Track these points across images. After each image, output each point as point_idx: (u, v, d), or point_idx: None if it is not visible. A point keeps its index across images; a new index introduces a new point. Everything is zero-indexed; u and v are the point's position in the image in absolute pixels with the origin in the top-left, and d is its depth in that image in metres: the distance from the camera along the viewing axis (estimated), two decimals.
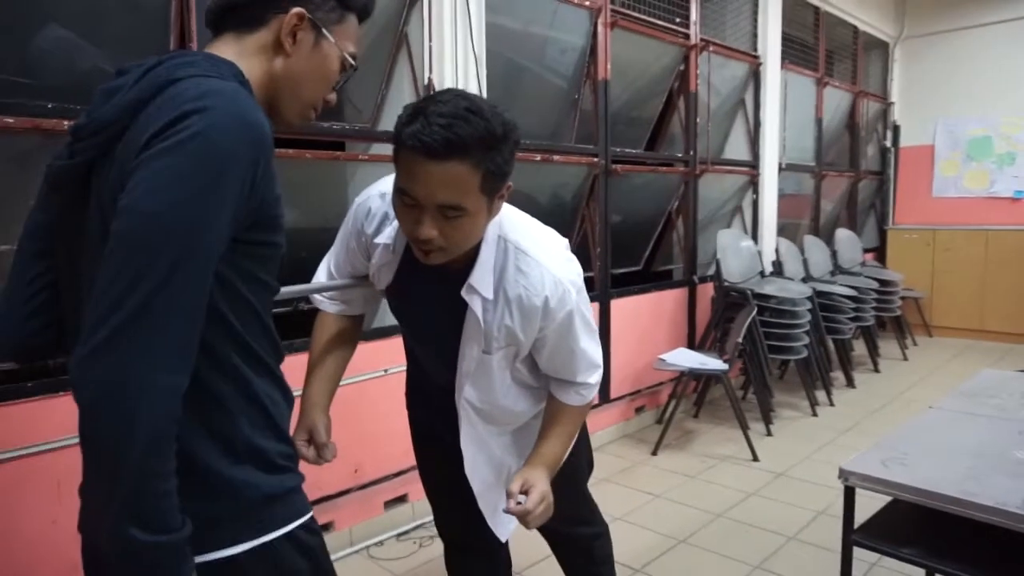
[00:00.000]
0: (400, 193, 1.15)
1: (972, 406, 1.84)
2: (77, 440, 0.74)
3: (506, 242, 1.30)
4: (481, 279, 1.28)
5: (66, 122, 1.84)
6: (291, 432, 0.97)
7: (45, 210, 0.93)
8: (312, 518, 0.93)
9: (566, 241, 1.44)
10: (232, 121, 0.77)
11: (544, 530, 1.80)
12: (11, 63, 1.93)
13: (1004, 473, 1.37)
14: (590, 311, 1.42)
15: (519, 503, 1.29)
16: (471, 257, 1.28)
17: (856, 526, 1.45)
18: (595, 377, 1.44)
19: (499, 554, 1.72)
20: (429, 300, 1.38)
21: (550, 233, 1.43)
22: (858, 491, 1.48)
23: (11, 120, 1.79)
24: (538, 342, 1.37)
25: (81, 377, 0.71)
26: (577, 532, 1.81)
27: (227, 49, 0.90)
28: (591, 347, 1.41)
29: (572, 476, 1.66)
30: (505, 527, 1.57)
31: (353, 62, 1.00)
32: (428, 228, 1.15)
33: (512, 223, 1.33)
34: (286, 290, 1.62)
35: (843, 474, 1.41)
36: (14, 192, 1.99)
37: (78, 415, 0.73)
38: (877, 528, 1.47)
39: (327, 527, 2.56)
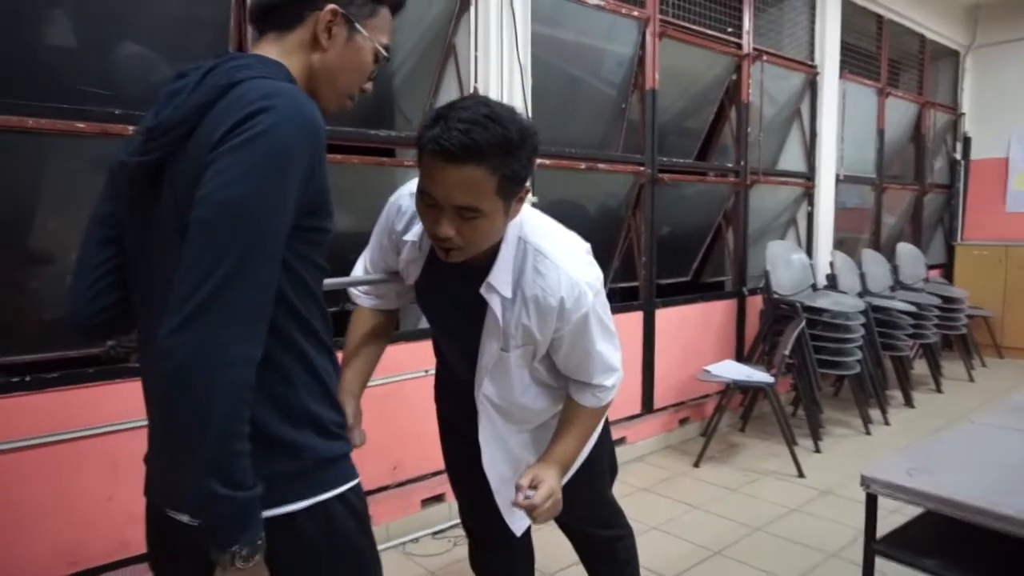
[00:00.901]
0: (421, 194, 1.21)
1: (1014, 421, 1.77)
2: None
3: (526, 243, 1.34)
4: (500, 278, 1.32)
5: (131, 127, 1.98)
6: None
7: (112, 200, 1.02)
8: (359, 483, 1.01)
9: (587, 245, 1.48)
10: (294, 118, 0.86)
11: (565, 529, 1.83)
12: (94, 76, 2.10)
13: None
14: (608, 315, 1.44)
15: (527, 497, 1.33)
16: (492, 256, 1.32)
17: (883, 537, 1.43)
18: (611, 380, 1.45)
19: (520, 548, 1.74)
20: (453, 296, 1.43)
21: (571, 237, 1.46)
22: (892, 506, 1.46)
23: (83, 125, 1.95)
24: (555, 342, 1.40)
25: (168, 348, 0.80)
26: (598, 533, 1.83)
27: (271, 48, 0.99)
28: (608, 350, 1.43)
29: (592, 479, 1.68)
30: (520, 522, 1.60)
31: (386, 53, 1.07)
32: (446, 227, 1.20)
33: (533, 226, 1.37)
34: (329, 281, 1.71)
35: (865, 481, 1.39)
36: (89, 193, 2.15)
37: (163, 383, 0.82)
38: (901, 539, 1.43)
39: None
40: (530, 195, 3.12)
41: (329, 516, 0.94)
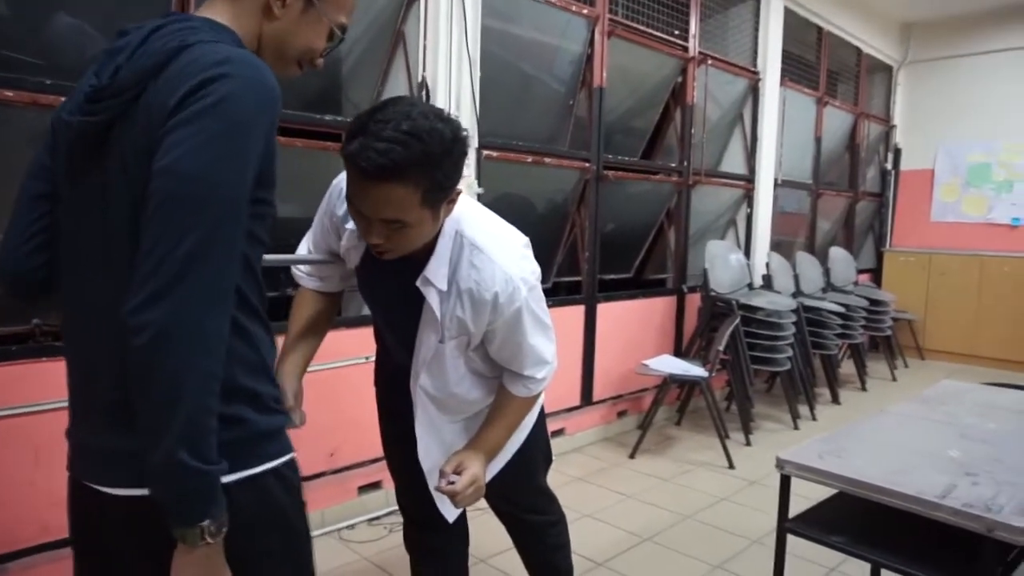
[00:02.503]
0: (349, 202, 1.22)
1: (924, 411, 1.89)
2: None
3: (463, 237, 1.35)
4: (436, 271, 1.34)
5: (63, 98, 1.92)
6: None
7: (50, 154, 0.98)
8: (294, 459, 1.00)
9: (525, 239, 1.50)
10: (253, 86, 0.84)
11: (500, 514, 1.87)
12: (26, 45, 2.03)
13: (934, 468, 1.41)
14: (543, 309, 1.46)
15: (450, 483, 1.36)
16: (429, 249, 1.34)
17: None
18: (542, 372, 1.48)
19: (455, 530, 1.77)
20: (391, 287, 1.45)
21: (509, 231, 1.48)
22: (816, 495, 1.55)
23: (11, 94, 1.88)
24: (488, 334, 1.42)
25: (137, 323, 0.78)
26: (531, 519, 1.87)
27: (221, 11, 0.96)
28: (541, 343, 1.46)
29: (527, 467, 1.73)
30: (452, 509, 1.63)
31: (341, 32, 1.04)
32: (375, 237, 1.22)
33: (470, 219, 1.38)
34: (268, 257, 1.70)
35: (779, 463, 1.47)
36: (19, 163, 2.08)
37: (132, 358, 0.80)
38: (811, 518, 1.52)
39: None
40: (476, 186, 3.14)
41: (263, 489, 0.93)
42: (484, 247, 1.35)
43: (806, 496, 1.62)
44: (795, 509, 1.56)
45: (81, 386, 0.97)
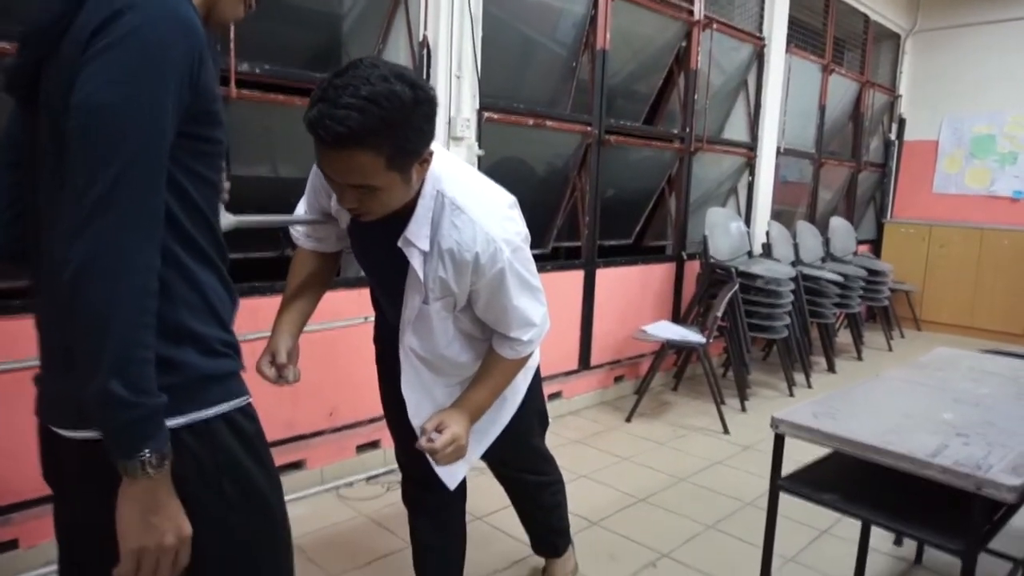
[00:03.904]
0: (318, 166, 1.21)
1: (918, 376, 1.90)
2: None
3: (444, 197, 1.34)
4: (417, 232, 1.34)
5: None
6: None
7: (16, 122, 0.98)
8: (250, 404, 0.99)
9: (512, 199, 1.49)
10: (164, 15, 0.83)
11: (496, 473, 1.90)
12: None
13: (926, 431, 1.43)
14: (531, 270, 1.45)
15: (431, 440, 1.37)
16: (411, 210, 1.33)
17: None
18: (528, 335, 1.47)
19: (452, 488, 1.79)
20: (378, 247, 1.45)
21: (493, 190, 1.47)
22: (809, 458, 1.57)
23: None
24: (472, 295, 1.42)
25: (63, 257, 0.78)
26: (526, 479, 1.90)
27: None
28: (527, 305, 1.44)
29: (522, 428, 1.75)
30: (451, 475, 1.65)
31: None
32: (348, 201, 1.22)
33: (452, 178, 1.37)
34: (261, 218, 1.70)
35: (774, 423, 1.48)
36: None
37: (60, 295, 0.80)
38: (803, 477, 1.54)
39: (299, 465, 2.65)
40: (477, 148, 3.12)
41: (211, 435, 0.92)
42: (465, 207, 1.34)
43: (799, 461, 1.65)
44: (788, 472, 1.58)
45: (41, 333, 0.98)
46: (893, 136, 6.62)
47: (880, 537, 2.42)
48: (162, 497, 0.84)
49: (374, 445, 2.87)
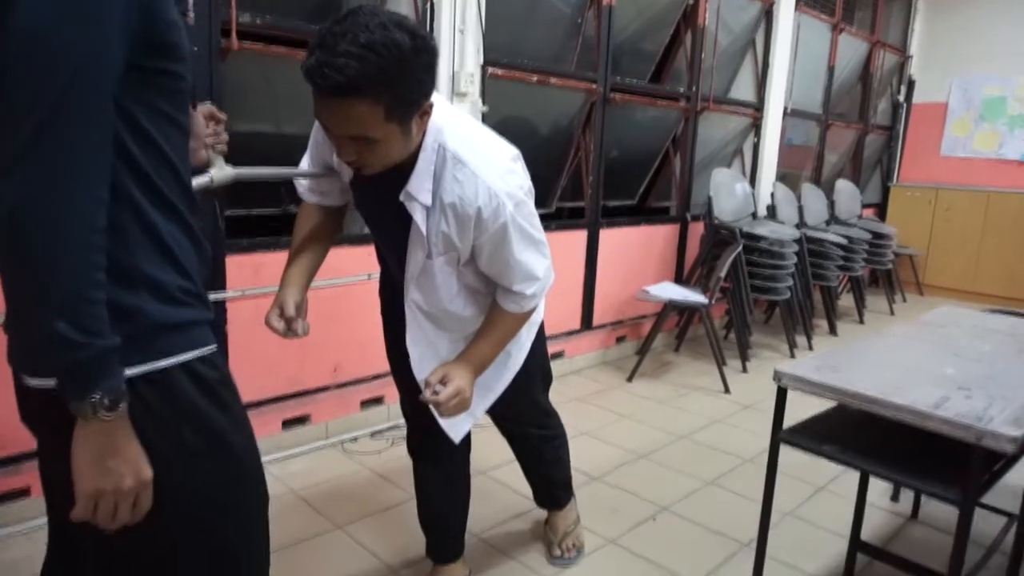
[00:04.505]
0: (317, 118, 1.19)
1: (921, 333, 1.91)
2: None
3: (445, 150, 1.32)
4: (419, 187, 1.33)
5: None
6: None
7: None
8: (213, 353, 0.94)
9: (515, 151, 1.47)
10: None
11: (500, 427, 1.92)
12: None
13: (928, 384, 1.44)
14: (534, 223, 1.44)
15: (435, 392, 1.38)
16: (413, 163, 1.32)
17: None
18: (532, 288, 1.47)
19: (456, 442, 1.81)
20: (380, 202, 1.44)
21: (496, 143, 1.45)
22: (806, 413, 1.59)
23: None
24: (475, 249, 1.41)
25: None
26: (529, 432, 1.92)
27: None
28: (530, 259, 1.44)
29: (524, 384, 1.76)
30: (456, 430, 1.67)
31: None
32: (346, 153, 1.21)
33: (454, 131, 1.35)
34: (260, 171, 1.69)
35: (777, 375, 1.49)
36: None
37: (1, 232, 0.75)
38: (804, 429, 1.56)
39: (304, 420, 2.68)
40: (481, 104, 3.08)
41: (170, 385, 0.88)
42: (467, 161, 1.32)
43: (799, 419, 1.66)
44: (789, 426, 1.60)
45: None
46: (902, 98, 6.53)
47: (877, 493, 2.46)
48: (119, 440, 0.82)
49: (378, 401, 2.90)
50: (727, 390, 3.55)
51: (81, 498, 0.83)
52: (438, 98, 1.32)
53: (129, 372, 0.83)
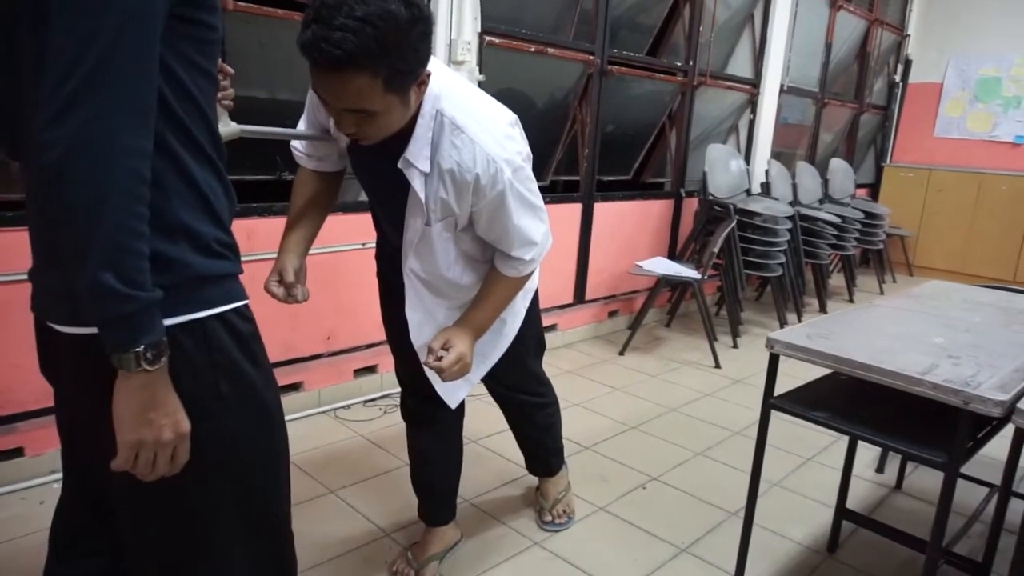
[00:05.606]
0: (314, 91, 1.18)
1: (912, 304, 1.93)
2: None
3: (443, 116, 1.32)
4: (417, 153, 1.32)
5: None
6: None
7: None
8: (247, 306, 0.97)
9: (513, 117, 1.46)
10: None
11: (494, 393, 1.93)
12: None
13: (918, 351, 1.46)
14: (532, 189, 1.45)
15: (438, 358, 1.39)
16: (410, 130, 1.31)
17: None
18: (530, 254, 1.48)
19: (453, 407, 1.82)
20: (378, 169, 1.44)
21: (494, 108, 1.44)
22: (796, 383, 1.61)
23: None
24: (474, 215, 1.42)
25: (47, 140, 0.73)
26: (522, 399, 1.94)
27: None
28: (529, 224, 1.44)
29: (520, 351, 1.78)
30: (453, 396, 1.68)
31: None
32: (345, 126, 1.20)
33: (452, 97, 1.34)
34: (265, 129, 1.68)
35: (769, 342, 1.51)
36: None
37: (44, 178, 0.74)
38: (796, 396, 1.57)
39: (296, 387, 2.69)
40: (477, 73, 3.05)
41: (207, 334, 0.90)
42: (465, 127, 1.32)
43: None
44: (779, 393, 1.62)
45: (31, 227, 0.94)
46: (898, 77, 6.52)
47: (863, 465, 2.50)
48: (159, 392, 0.83)
49: (371, 370, 2.91)
50: (718, 365, 3.58)
51: (123, 448, 0.83)
52: (436, 63, 1.31)
53: (168, 322, 0.84)
